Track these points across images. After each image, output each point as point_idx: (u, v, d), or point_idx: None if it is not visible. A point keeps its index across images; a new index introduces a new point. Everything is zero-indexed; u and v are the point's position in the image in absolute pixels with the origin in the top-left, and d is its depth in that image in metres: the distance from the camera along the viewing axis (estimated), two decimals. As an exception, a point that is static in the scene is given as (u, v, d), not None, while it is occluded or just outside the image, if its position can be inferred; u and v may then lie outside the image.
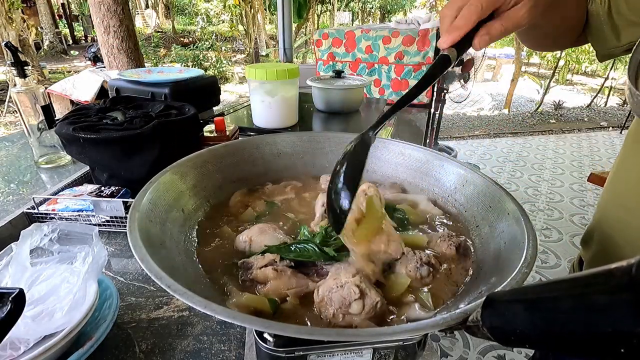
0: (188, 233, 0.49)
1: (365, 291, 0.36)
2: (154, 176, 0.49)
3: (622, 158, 0.55)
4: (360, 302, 0.35)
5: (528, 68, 8.70)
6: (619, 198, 0.54)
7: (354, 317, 0.36)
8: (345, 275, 0.38)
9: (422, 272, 0.42)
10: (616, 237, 0.53)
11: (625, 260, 0.16)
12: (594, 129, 4.59)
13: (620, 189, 0.54)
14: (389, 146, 0.67)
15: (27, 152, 0.99)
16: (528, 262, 0.35)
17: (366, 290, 0.36)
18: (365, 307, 0.35)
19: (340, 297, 0.36)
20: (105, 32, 2.53)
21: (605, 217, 0.56)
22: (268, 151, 0.67)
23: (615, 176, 0.55)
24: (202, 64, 7.37)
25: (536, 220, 2.52)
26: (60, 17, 11.29)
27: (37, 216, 0.65)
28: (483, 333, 0.25)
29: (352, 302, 0.35)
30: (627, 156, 0.53)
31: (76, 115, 0.73)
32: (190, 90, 1.04)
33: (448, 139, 4.22)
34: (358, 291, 0.35)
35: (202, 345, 0.45)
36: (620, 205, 0.53)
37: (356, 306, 0.35)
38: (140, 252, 0.35)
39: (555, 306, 0.19)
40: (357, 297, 0.35)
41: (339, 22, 10.24)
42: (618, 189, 0.55)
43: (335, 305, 0.36)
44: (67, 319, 0.40)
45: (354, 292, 0.35)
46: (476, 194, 0.53)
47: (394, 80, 1.54)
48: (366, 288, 0.36)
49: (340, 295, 0.36)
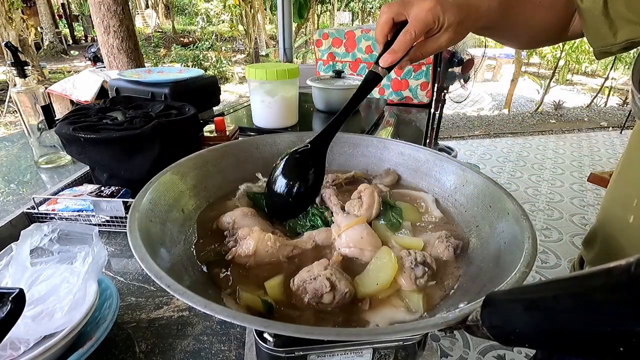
0: (188, 233, 0.49)
1: (336, 283, 0.39)
2: (154, 176, 0.49)
3: (626, 158, 0.54)
4: (331, 293, 0.39)
5: (528, 68, 8.70)
6: (622, 198, 0.54)
7: (326, 305, 0.39)
8: (318, 268, 0.41)
9: (417, 273, 0.42)
10: (619, 237, 0.53)
11: (624, 259, 0.16)
12: (594, 129, 4.59)
13: (624, 189, 0.54)
14: (389, 146, 0.67)
15: (27, 152, 0.99)
16: (528, 262, 0.35)
17: (336, 282, 0.39)
18: (335, 297, 0.39)
19: (313, 288, 0.39)
20: (105, 32, 2.53)
21: (609, 217, 0.56)
22: (268, 151, 0.67)
23: (619, 176, 0.55)
24: (202, 64, 7.37)
25: (536, 220, 2.52)
26: (60, 17, 11.29)
27: (37, 216, 0.65)
28: (483, 332, 0.25)
29: (323, 294, 0.38)
30: (632, 156, 0.53)
31: (76, 115, 0.73)
32: (190, 90, 1.04)
33: (448, 139, 4.22)
34: (329, 284, 0.39)
35: (202, 345, 0.45)
36: (623, 206, 0.52)
37: (327, 297, 0.39)
38: (140, 252, 0.35)
39: (554, 305, 0.19)
40: (328, 290, 0.38)
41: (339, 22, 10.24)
42: (622, 189, 0.54)
43: (310, 295, 0.39)
44: (67, 319, 0.40)
45: (325, 285, 0.39)
46: (476, 193, 0.53)
47: (394, 80, 1.54)
48: (337, 280, 0.39)
49: (313, 287, 0.39)
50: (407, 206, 0.56)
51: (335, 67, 1.57)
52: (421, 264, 0.43)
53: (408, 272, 0.42)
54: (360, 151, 0.69)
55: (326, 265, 0.41)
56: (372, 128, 1.14)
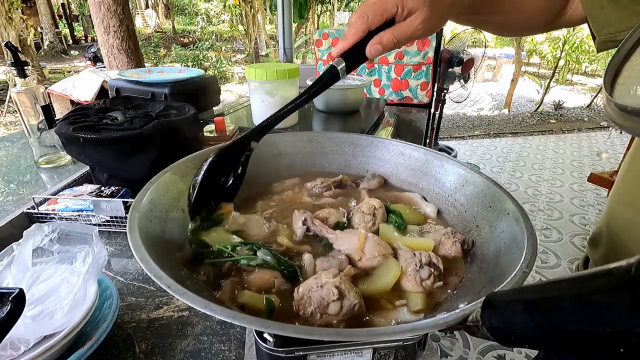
0: (188, 233, 0.49)
1: (345, 292, 0.36)
2: (154, 176, 0.49)
3: (632, 157, 0.54)
4: (339, 303, 0.35)
5: (528, 68, 8.69)
6: (628, 198, 0.53)
7: (331, 317, 0.36)
8: (326, 276, 0.38)
9: (422, 275, 0.41)
10: (624, 237, 0.53)
11: (624, 260, 0.16)
12: (594, 129, 4.59)
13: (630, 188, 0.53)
14: (389, 146, 0.67)
15: (27, 152, 0.99)
16: (528, 262, 0.35)
17: (345, 291, 0.36)
18: (342, 308, 0.35)
19: (319, 296, 0.36)
20: (105, 32, 2.53)
21: (614, 217, 0.56)
22: (268, 151, 0.67)
23: (625, 176, 0.55)
24: (202, 64, 7.37)
25: (536, 220, 2.52)
26: (60, 17, 11.28)
27: (37, 216, 0.65)
28: (483, 333, 0.25)
29: (330, 302, 0.35)
30: (637, 155, 0.52)
31: (76, 115, 0.73)
32: (190, 90, 1.04)
33: (448, 139, 4.22)
34: (337, 292, 0.35)
35: (202, 345, 0.45)
36: (629, 205, 0.52)
37: (334, 307, 0.35)
38: (140, 252, 0.35)
39: (554, 306, 0.19)
40: (336, 299, 0.35)
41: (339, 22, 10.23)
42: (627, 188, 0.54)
43: (314, 305, 0.36)
44: (67, 319, 0.40)
45: (333, 293, 0.35)
46: (476, 193, 0.53)
47: (394, 80, 1.54)
48: (345, 289, 0.36)
49: (319, 295, 0.36)
50: (403, 208, 0.56)
51: (335, 67, 1.57)
52: (426, 265, 0.42)
53: (413, 274, 0.41)
54: (360, 151, 0.69)
55: (335, 273, 0.39)
56: (372, 128, 1.14)
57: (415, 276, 0.41)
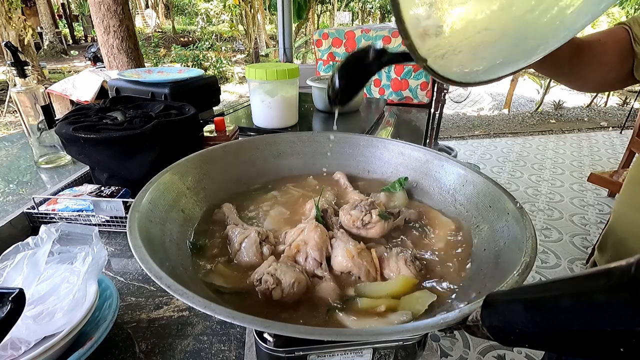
0: (188, 233, 0.49)
1: (280, 277, 0.39)
2: (154, 176, 0.49)
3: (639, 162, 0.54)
4: (279, 289, 0.39)
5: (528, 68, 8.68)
6: (634, 201, 0.53)
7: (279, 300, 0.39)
8: (263, 266, 0.41)
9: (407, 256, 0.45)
10: (630, 240, 0.53)
11: (624, 260, 0.16)
12: (594, 129, 4.59)
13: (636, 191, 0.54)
14: (389, 146, 0.67)
15: (27, 152, 0.99)
16: (528, 262, 0.35)
17: (280, 276, 0.39)
18: (283, 291, 0.39)
19: (263, 289, 0.40)
20: (105, 32, 2.53)
21: (620, 221, 0.56)
22: (268, 151, 0.67)
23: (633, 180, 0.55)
24: (202, 64, 7.37)
25: (536, 220, 2.52)
26: (60, 17, 11.29)
27: (37, 216, 0.65)
28: (483, 333, 0.25)
29: (271, 290, 0.39)
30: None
31: (76, 115, 0.73)
32: (190, 90, 1.04)
33: (448, 139, 4.22)
34: (273, 281, 0.39)
35: (202, 345, 0.45)
36: (635, 208, 0.52)
37: (276, 294, 0.39)
38: (140, 252, 0.35)
39: (554, 306, 0.19)
40: (274, 287, 0.39)
41: (339, 22, 10.23)
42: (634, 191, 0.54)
43: (262, 295, 0.40)
44: (67, 319, 0.40)
45: (270, 282, 0.39)
46: (476, 193, 0.53)
47: (394, 80, 1.54)
48: (281, 273, 0.40)
49: (262, 289, 0.40)
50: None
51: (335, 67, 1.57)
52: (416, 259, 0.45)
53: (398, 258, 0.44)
54: (360, 151, 0.69)
55: (271, 262, 0.42)
56: (372, 128, 1.14)
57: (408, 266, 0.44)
